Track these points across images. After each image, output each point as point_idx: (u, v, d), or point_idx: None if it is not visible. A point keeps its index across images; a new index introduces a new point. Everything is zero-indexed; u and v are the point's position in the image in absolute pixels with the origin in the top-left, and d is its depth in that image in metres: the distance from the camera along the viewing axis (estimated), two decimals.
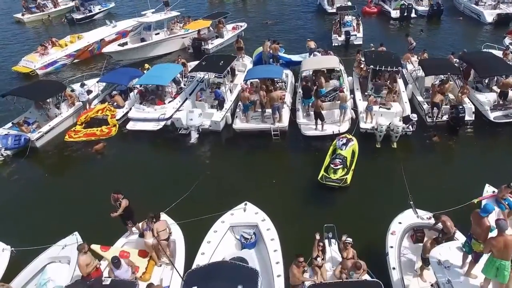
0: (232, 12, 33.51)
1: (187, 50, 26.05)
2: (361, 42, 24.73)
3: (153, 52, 24.96)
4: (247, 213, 10.88)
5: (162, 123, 17.07)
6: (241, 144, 16.18)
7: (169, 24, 26.43)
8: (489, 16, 27.52)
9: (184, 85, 18.90)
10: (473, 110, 15.90)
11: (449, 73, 16.74)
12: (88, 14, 34.25)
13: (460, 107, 15.14)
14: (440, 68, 16.66)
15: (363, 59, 18.83)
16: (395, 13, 29.62)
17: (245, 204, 11.02)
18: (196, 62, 20.87)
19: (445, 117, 15.86)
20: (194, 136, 16.18)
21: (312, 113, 15.70)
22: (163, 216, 10.52)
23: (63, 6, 36.46)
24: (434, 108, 15.73)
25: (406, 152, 15.05)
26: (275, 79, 17.07)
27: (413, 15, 29.48)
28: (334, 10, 29.94)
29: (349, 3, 30.55)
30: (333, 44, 24.78)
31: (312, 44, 19.94)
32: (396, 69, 16.82)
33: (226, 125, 16.95)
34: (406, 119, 15.06)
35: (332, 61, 17.36)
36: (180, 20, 27.62)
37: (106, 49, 23.54)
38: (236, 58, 19.28)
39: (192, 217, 11.01)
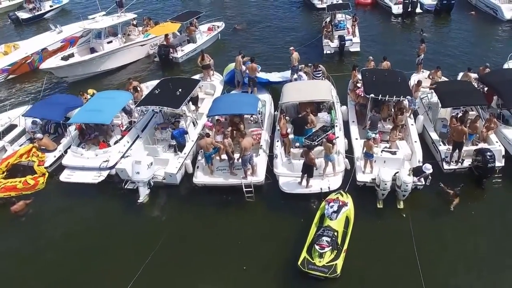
0: (207, 8, 30.19)
1: (152, 60, 22.80)
2: (358, 49, 21.61)
3: (106, 65, 21.60)
4: None
5: (105, 173, 13.92)
6: (204, 203, 13.11)
7: (126, 29, 23.03)
8: (508, 11, 24.55)
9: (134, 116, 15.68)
10: (503, 152, 13.01)
11: (474, 105, 13.78)
12: (36, 13, 30.51)
13: (489, 153, 12.17)
14: (462, 96, 13.57)
15: (360, 77, 15.82)
16: (396, 9, 26.46)
17: None
18: (155, 83, 17.80)
19: (466, 162, 12.95)
20: (143, 193, 13.10)
21: (296, 161, 12.68)
22: None
23: (5, 3, 32.52)
24: (456, 150, 12.78)
25: (417, 215, 12.11)
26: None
27: (418, 10, 26.34)
28: (324, 6, 26.77)
29: (340, 1, 27.26)
30: (324, 52, 21.63)
31: (295, 58, 16.54)
32: (404, 98, 13.79)
33: (186, 173, 13.89)
34: (417, 171, 12.11)
35: (322, 91, 14.17)
36: (140, 23, 24.22)
37: (44, 65, 20.05)
38: (200, 83, 16.01)
39: None
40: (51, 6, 31.51)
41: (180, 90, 14.52)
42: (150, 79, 20.69)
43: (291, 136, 13.56)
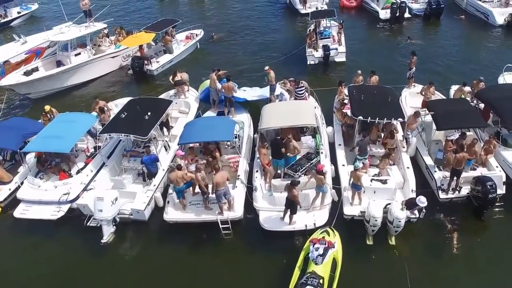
0: (185, 14, 28.82)
1: (125, 72, 21.39)
2: (343, 59, 20.50)
3: (74, 79, 20.13)
4: None
5: (66, 208, 12.55)
6: (177, 241, 11.84)
7: (96, 40, 21.58)
8: (500, 16, 23.76)
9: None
10: (504, 178, 12.03)
11: (472, 128, 12.79)
12: (2, 21, 28.74)
13: (489, 183, 11.11)
14: (459, 118, 12.50)
15: (347, 92, 14.75)
16: (384, 14, 25.50)
17: None
18: (125, 101, 16.48)
19: (464, 189, 11.93)
20: (108, 232, 11.78)
21: (277, 195, 11.52)
22: None
23: None
24: (454, 177, 11.75)
25: (411, 252, 11.08)
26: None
27: (406, 15, 25.40)
28: (308, 11, 25.68)
29: (325, 7, 26.22)
30: (308, 62, 20.48)
31: (272, 77, 15.18)
32: (395, 120, 12.72)
33: (157, 206, 12.61)
34: (410, 203, 11.03)
35: (305, 114, 12.92)
36: (112, 33, 22.78)
37: (4, 81, 18.46)
38: (172, 103, 14.70)
39: None
40: (19, 13, 29.74)
41: (149, 113, 13.22)
42: (122, 93, 19.52)
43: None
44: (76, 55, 20.21)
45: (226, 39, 24.58)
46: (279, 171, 12.43)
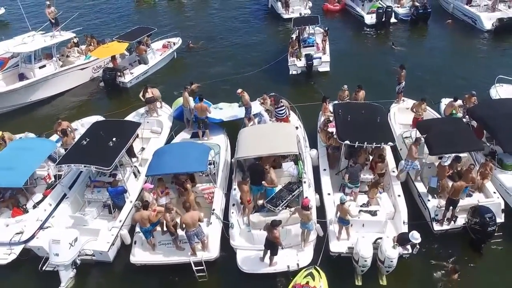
0: (163, 21, 27.44)
1: (97, 84, 19.90)
2: (327, 68, 19.39)
3: (39, 94, 18.61)
4: None
5: (18, 249, 11.15)
6: (145, 285, 10.63)
7: (64, 50, 20.05)
8: (488, 21, 22.97)
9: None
10: (503, 206, 11.09)
11: (468, 151, 11.81)
12: None
13: (488, 215, 10.15)
14: (454, 140, 11.47)
15: (331, 109, 13.69)
16: (369, 18, 24.51)
17: None
18: (93, 119, 15.23)
19: (460, 219, 10.95)
20: (66, 278, 10.41)
21: (256, 232, 10.35)
22: None
23: None
24: (450, 207, 10.75)
25: None
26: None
27: (392, 20, 24.45)
28: (291, 16, 24.58)
29: (309, 11, 25.11)
30: (290, 72, 19.32)
31: (246, 100, 13.79)
32: (385, 144, 11.65)
33: (123, 244, 11.31)
34: (402, 239, 9.99)
35: (286, 140, 11.67)
36: (83, 42, 21.28)
37: None
38: (140, 125, 13.38)
39: None
40: None
41: (114, 139, 11.88)
42: (93, 109, 18.15)
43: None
44: (40, 67, 18.63)
45: (203, 47, 23.17)
46: (259, 202, 11.27)
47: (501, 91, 15.64)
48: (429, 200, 11.21)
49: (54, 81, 18.91)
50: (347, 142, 11.33)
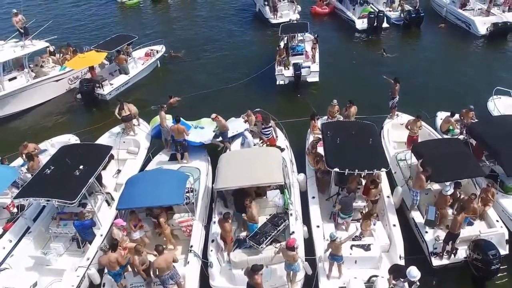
0: (147, 27, 26.24)
1: (74, 97, 18.57)
2: (317, 79, 18.25)
3: (8, 108, 17.38)
4: None
5: None
6: None
7: (38, 60, 18.76)
8: (482, 26, 22.09)
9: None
10: (507, 236, 10.14)
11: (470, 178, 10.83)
12: None
13: (492, 252, 9.20)
14: (453, 165, 10.46)
15: (319, 125, 12.69)
16: (361, 24, 23.51)
17: None
18: (65, 138, 14.13)
19: (461, 251, 9.98)
20: None
21: (238, 272, 9.28)
22: None
23: None
24: (450, 241, 9.77)
25: None
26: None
27: (385, 24, 23.48)
28: (279, 21, 23.54)
29: (298, 16, 24.08)
30: (277, 83, 18.23)
31: (222, 126, 12.59)
32: (379, 171, 10.61)
33: (91, 285, 10.18)
34: (398, 271, 8.98)
35: (270, 169, 10.40)
36: (57, 51, 20.00)
37: None
38: (111, 149, 12.20)
39: None
40: None
41: (81, 167, 10.72)
42: (68, 124, 17.11)
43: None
44: (10, 79, 17.39)
45: (186, 57, 21.79)
46: (241, 235, 10.20)
47: (499, 104, 14.73)
48: (426, 232, 10.21)
49: (26, 94, 17.66)
50: (336, 169, 10.27)
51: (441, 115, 14.40)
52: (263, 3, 25.51)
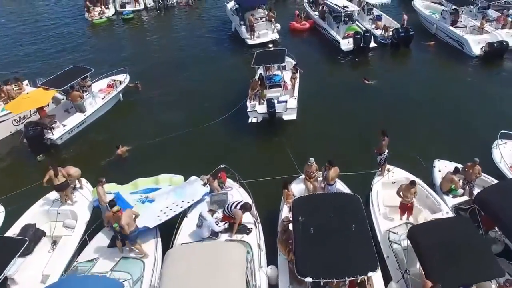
0: (112, 46, 23.48)
1: (20, 141, 15.57)
2: (294, 116, 15.40)
3: None
4: None
5: None
6: None
7: None
8: (476, 46, 19.69)
9: None
10: None
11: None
12: None
13: None
14: (462, 263, 7.83)
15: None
16: (346, 44, 20.93)
17: None
18: None
19: None
20: None
21: None
22: None
23: None
24: None
25: None
26: None
27: (372, 44, 20.88)
28: (257, 41, 20.96)
29: (277, 35, 21.48)
30: (249, 121, 15.56)
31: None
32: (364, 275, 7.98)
33: None
34: None
35: (226, 278, 7.61)
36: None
37: None
38: (26, 242, 9.30)
39: None
40: None
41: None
42: (11, 177, 14.13)
43: None
44: None
45: (153, 91, 18.79)
46: None
47: (505, 152, 12.27)
48: None
49: None
50: (309, 279, 7.65)
51: (440, 166, 11.97)
52: (239, 23, 22.80)
